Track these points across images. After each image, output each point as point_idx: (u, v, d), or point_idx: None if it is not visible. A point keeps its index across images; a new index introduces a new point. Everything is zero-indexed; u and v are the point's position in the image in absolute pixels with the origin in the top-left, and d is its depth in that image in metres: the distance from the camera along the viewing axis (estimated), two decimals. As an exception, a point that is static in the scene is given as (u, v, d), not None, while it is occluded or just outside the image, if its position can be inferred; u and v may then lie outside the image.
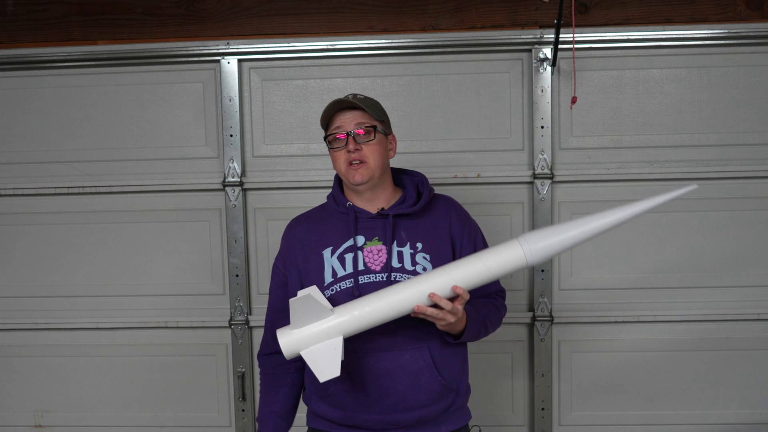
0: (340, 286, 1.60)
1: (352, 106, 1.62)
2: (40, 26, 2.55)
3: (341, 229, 1.65)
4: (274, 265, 1.74)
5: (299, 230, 1.71)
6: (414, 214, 1.66)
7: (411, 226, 1.64)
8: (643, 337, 2.56)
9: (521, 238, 1.47)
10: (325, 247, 1.64)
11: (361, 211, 1.65)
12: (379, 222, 1.64)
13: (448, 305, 1.45)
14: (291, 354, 1.49)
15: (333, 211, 1.70)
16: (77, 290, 2.66)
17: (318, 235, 1.67)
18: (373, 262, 1.60)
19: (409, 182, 1.73)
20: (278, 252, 1.75)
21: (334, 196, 1.71)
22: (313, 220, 1.72)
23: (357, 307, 1.48)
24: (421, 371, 1.58)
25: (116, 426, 2.70)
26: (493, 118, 2.52)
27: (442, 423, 1.65)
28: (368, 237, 1.62)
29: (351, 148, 1.60)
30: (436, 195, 1.74)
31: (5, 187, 2.62)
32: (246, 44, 2.50)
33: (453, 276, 1.46)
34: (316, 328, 1.47)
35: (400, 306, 1.47)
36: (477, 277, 1.47)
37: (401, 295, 1.47)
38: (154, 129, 2.59)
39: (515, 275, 2.56)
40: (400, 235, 1.62)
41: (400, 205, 1.66)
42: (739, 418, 2.58)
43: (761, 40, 2.42)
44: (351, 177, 1.61)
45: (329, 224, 1.67)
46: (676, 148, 2.49)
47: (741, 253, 2.52)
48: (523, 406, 2.63)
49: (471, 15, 2.47)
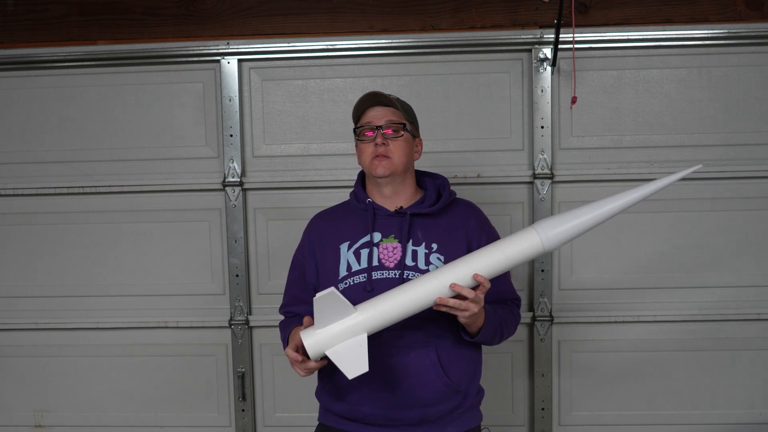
0: (354, 280, 1.62)
1: (386, 102, 1.66)
2: (40, 26, 2.55)
3: (359, 225, 1.68)
4: (294, 257, 1.78)
5: (320, 224, 1.75)
6: (432, 215, 1.68)
7: (428, 227, 1.66)
8: (643, 337, 2.56)
9: (537, 225, 1.50)
10: (343, 242, 1.67)
11: (379, 208, 1.68)
12: (397, 220, 1.66)
13: (471, 293, 1.46)
14: (316, 355, 1.49)
15: (354, 208, 1.74)
16: (77, 290, 2.66)
17: (337, 229, 1.70)
18: (388, 258, 1.62)
19: (431, 184, 1.75)
20: (298, 245, 1.79)
21: (356, 193, 1.74)
22: (334, 216, 1.76)
23: (380, 303, 1.49)
24: (426, 370, 1.59)
25: (116, 426, 2.70)
26: (493, 118, 2.52)
27: (449, 424, 1.65)
28: (385, 234, 1.65)
29: (378, 142, 1.63)
30: (458, 199, 1.77)
31: (5, 187, 2.62)
32: (246, 44, 2.50)
33: (473, 266, 1.47)
34: (341, 326, 1.47)
35: (423, 299, 1.48)
36: (497, 266, 1.48)
37: (423, 288, 1.48)
38: (154, 129, 2.59)
39: (515, 275, 2.56)
40: (416, 234, 1.64)
41: (419, 205, 1.69)
42: (739, 418, 2.58)
43: (761, 40, 2.42)
44: (374, 169, 1.64)
45: (349, 220, 1.71)
46: (676, 148, 2.49)
47: (741, 252, 2.52)
48: (523, 406, 2.63)
49: (471, 15, 2.47)
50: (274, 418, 2.67)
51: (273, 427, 2.68)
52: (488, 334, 1.60)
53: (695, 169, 1.51)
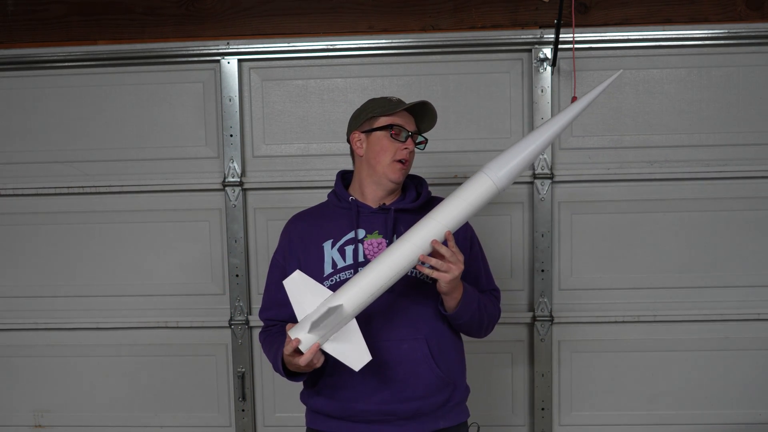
0: (340, 277, 1.63)
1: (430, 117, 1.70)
2: (40, 26, 2.55)
3: (342, 223, 1.68)
4: (273, 259, 1.76)
5: (300, 225, 1.75)
6: (413, 211, 1.70)
7: (410, 222, 1.65)
8: (643, 337, 2.56)
9: (486, 169, 1.52)
10: (326, 240, 1.67)
11: (363, 206, 1.69)
12: (380, 216, 1.67)
13: (448, 251, 1.47)
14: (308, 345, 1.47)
15: (334, 207, 1.74)
16: (77, 290, 2.66)
17: (318, 228, 1.70)
18: (373, 254, 1.63)
19: (409, 182, 1.77)
20: (277, 247, 1.77)
21: (336, 192, 1.75)
22: (314, 216, 1.76)
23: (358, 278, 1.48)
24: (418, 362, 1.60)
25: (116, 426, 2.70)
26: (493, 118, 2.52)
27: (441, 418, 1.66)
28: (369, 230, 1.66)
29: (411, 149, 1.65)
30: (435, 196, 1.78)
31: (5, 187, 2.62)
32: (246, 44, 2.50)
33: (439, 220, 1.49)
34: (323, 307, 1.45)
35: (401, 263, 1.47)
36: (462, 214, 1.50)
37: (399, 252, 1.47)
38: (154, 129, 2.59)
39: (515, 275, 2.57)
40: (399, 229, 1.66)
41: (401, 201, 1.71)
42: (739, 418, 2.58)
43: (761, 40, 2.42)
44: (393, 172, 1.65)
45: (330, 219, 1.71)
46: (676, 148, 2.49)
47: (741, 253, 2.52)
48: (523, 406, 2.63)
49: (471, 15, 2.47)
50: (274, 418, 2.67)
51: (273, 427, 2.68)
52: (465, 310, 1.60)
53: (617, 74, 1.55)
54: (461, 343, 1.75)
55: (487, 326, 1.71)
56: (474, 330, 1.68)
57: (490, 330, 1.74)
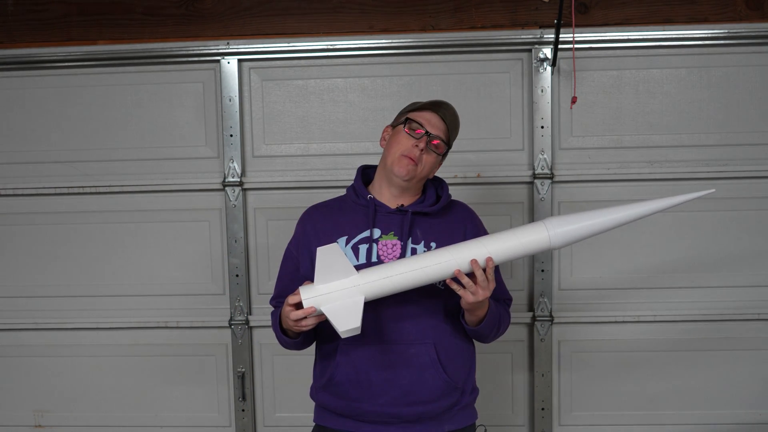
0: None
1: (449, 119, 1.68)
2: (40, 26, 2.55)
3: (358, 220, 1.66)
4: (287, 249, 1.75)
5: (316, 216, 1.73)
6: (432, 214, 1.68)
7: (427, 225, 1.66)
8: (643, 337, 2.56)
9: (546, 221, 1.52)
10: (340, 236, 1.65)
11: (380, 205, 1.67)
12: (397, 218, 1.65)
13: (482, 275, 1.47)
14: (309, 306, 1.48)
15: (351, 203, 1.71)
16: (77, 290, 2.66)
17: (333, 223, 1.68)
18: (387, 255, 1.61)
19: (430, 185, 1.75)
20: (292, 236, 1.76)
21: (355, 188, 1.72)
22: (331, 210, 1.74)
23: (382, 269, 1.49)
24: (425, 367, 1.59)
25: (116, 426, 2.70)
26: (493, 118, 2.52)
27: (446, 421, 1.65)
28: (384, 231, 1.64)
29: (421, 146, 1.62)
30: (454, 201, 1.77)
31: (5, 187, 2.62)
32: (246, 44, 2.50)
33: (487, 247, 1.49)
34: (341, 285, 1.46)
35: (436, 271, 1.48)
36: (509, 251, 1.50)
37: (437, 260, 1.48)
38: (154, 129, 2.59)
39: (515, 275, 2.57)
40: (415, 232, 1.64)
41: (420, 204, 1.69)
42: (739, 418, 2.58)
43: (761, 40, 2.42)
44: (399, 166, 1.62)
45: (346, 215, 1.69)
46: (676, 148, 2.49)
47: (741, 252, 2.52)
48: (523, 406, 2.63)
49: (471, 15, 2.47)
50: (274, 418, 2.67)
51: (273, 427, 2.68)
52: (489, 326, 1.61)
53: (709, 192, 1.55)
54: (472, 347, 1.74)
55: (498, 337, 1.73)
56: (486, 339, 1.70)
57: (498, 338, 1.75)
